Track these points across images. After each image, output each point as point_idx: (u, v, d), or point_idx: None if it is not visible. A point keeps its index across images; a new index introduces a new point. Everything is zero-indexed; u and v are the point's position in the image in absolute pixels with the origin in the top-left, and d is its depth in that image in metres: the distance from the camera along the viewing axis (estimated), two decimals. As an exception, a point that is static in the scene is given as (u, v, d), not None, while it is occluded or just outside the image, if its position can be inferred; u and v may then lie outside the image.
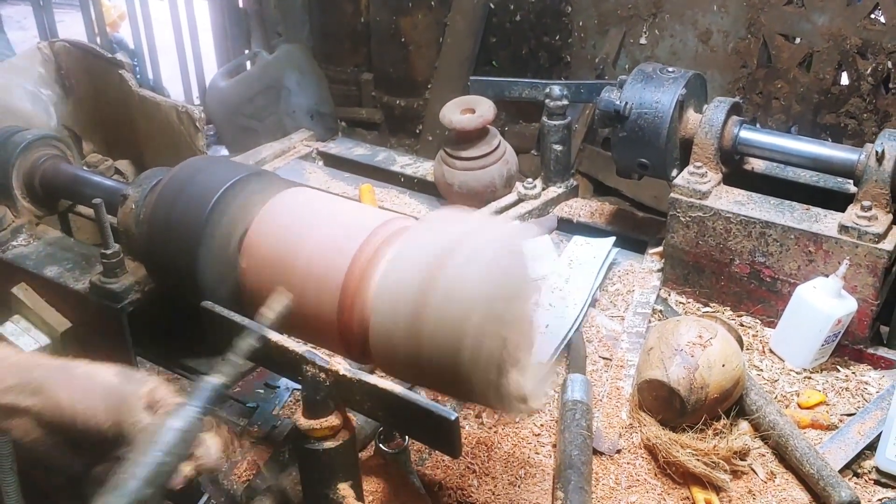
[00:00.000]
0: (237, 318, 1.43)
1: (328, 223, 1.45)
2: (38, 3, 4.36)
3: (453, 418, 1.22)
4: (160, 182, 1.61)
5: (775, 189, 2.08)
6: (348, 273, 1.37)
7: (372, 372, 1.60)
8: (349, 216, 1.47)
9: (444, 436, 1.25)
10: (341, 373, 1.29)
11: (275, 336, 1.37)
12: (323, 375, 1.31)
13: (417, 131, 4.43)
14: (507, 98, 2.64)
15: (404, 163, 2.74)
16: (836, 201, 2.00)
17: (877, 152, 1.86)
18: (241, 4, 4.76)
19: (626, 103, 2.10)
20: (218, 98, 4.48)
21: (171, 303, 1.61)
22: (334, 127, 4.46)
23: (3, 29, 4.41)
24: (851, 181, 1.98)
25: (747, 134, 2.09)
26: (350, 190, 2.62)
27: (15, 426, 1.17)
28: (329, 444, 1.34)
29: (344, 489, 1.37)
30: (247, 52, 4.71)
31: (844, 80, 3.32)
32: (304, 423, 1.32)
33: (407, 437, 1.57)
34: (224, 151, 4.48)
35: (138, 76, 4.79)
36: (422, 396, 1.27)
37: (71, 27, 5.24)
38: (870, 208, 1.86)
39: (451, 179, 2.44)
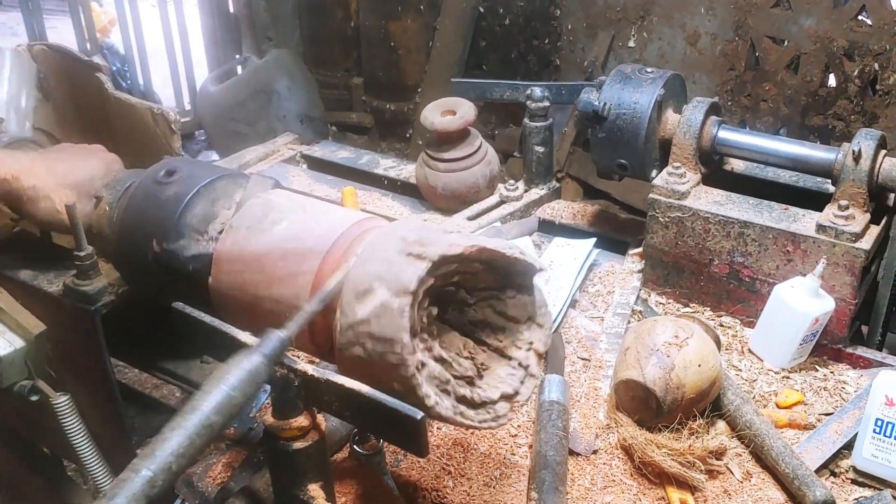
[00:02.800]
0: (208, 319, 1.43)
1: (301, 223, 1.44)
2: (28, 8, 4.38)
3: (419, 417, 1.22)
4: (133, 184, 1.61)
5: (755, 189, 2.08)
6: (318, 272, 1.36)
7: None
8: (322, 217, 1.47)
9: (410, 435, 1.24)
10: (309, 373, 1.29)
11: (244, 336, 1.37)
12: (291, 375, 1.30)
13: (407, 135, 4.43)
14: (489, 100, 2.64)
15: (388, 165, 2.73)
16: (816, 201, 1.99)
17: (853, 151, 1.86)
18: (231, 10, 4.78)
19: (605, 104, 2.10)
20: (208, 103, 4.50)
21: (145, 305, 1.61)
22: (324, 131, 4.47)
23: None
24: (830, 181, 1.98)
25: (726, 134, 2.09)
26: (333, 193, 2.61)
27: None
28: (298, 445, 1.34)
29: (314, 490, 1.37)
30: (237, 56, 4.73)
31: (832, 81, 3.33)
32: (272, 423, 1.32)
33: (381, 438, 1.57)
34: (215, 156, 4.49)
35: (129, 82, 4.81)
36: (389, 396, 1.27)
37: (62, 33, 5.26)
38: (847, 207, 1.86)
39: (434, 181, 2.44)
